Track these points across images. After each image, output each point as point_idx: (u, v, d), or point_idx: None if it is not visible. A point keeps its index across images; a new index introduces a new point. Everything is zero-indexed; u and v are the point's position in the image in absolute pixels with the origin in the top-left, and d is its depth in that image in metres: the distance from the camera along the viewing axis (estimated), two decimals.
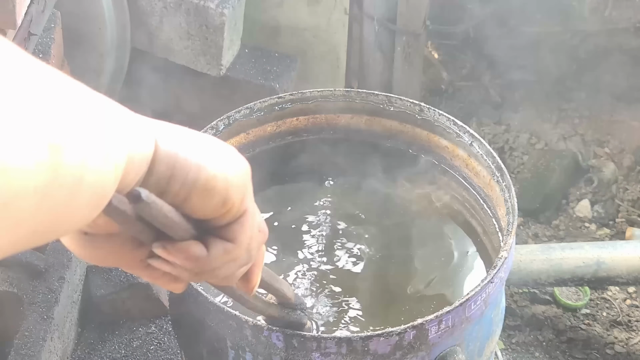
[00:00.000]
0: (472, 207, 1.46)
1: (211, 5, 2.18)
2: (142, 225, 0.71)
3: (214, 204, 0.70)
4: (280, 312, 1.12)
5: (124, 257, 0.75)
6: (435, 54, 2.96)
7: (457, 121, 1.44)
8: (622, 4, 2.73)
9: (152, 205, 0.67)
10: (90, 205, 0.60)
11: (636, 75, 2.83)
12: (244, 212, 0.74)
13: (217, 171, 0.69)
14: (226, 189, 0.70)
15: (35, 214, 0.52)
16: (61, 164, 0.53)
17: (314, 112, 1.53)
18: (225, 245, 0.74)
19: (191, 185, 0.68)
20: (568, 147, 2.69)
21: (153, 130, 0.66)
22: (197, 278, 0.77)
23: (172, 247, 0.72)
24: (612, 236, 2.47)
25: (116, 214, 0.67)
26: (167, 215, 0.69)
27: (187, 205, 0.70)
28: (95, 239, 0.73)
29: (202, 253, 0.73)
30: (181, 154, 0.67)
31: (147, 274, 0.78)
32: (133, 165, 0.63)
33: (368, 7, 2.58)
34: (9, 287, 1.70)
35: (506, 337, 2.18)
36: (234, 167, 0.72)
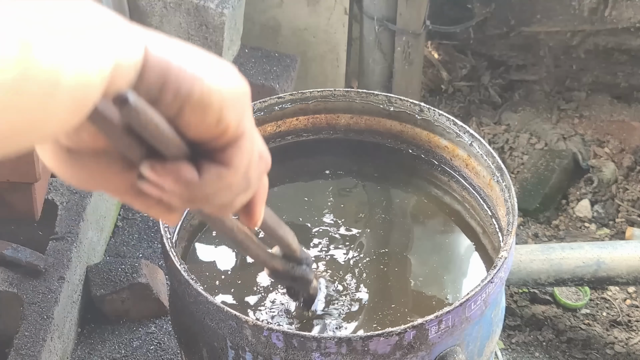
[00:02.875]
0: (472, 207, 1.46)
1: (211, 5, 2.18)
2: (131, 139, 0.66)
3: (208, 122, 0.65)
4: (285, 266, 1.06)
5: (112, 180, 0.69)
6: (435, 54, 2.96)
7: (457, 121, 1.44)
8: (622, 4, 2.73)
9: (141, 111, 0.62)
10: (71, 109, 0.56)
11: (636, 75, 2.83)
12: (242, 135, 0.69)
13: (213, 85, 0.64)
14: (221, 107, 0.65)
15: (7, 109, 0.51)
16: (32, 60, 0.51)
17: (314, 112, 1.53)
18: (219, 170, 0.69)
19: (184, 97, 0.63)
20: (568, 147, 2.69)
21: (143, 36, 0.63)
22: (191, 205, 0.71)
23: (161, 167, 0.67)
24: (612, 236, 2.47)
25: (102, 122, 0.62)
26: (158, 125, 0.64)
27: (179, 121, 0.65)
28: (80, 156, 0.67)
29: (193, 176, 0.68)
30: (174, 62, 0.63)
31: (138, 202, 0.72)
32: (120, 70, 0.59)
33: (368, 7, 2.58)
34: (9, 287, 1.70)
35: (506, 337, 2.18)
36: (232, 84, 0.67)
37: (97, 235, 1.96)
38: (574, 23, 2.80)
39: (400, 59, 2.61)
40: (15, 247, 1.73)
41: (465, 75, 2.92)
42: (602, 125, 2.78)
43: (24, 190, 1.72)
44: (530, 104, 2.84)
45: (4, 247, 1.73)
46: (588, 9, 2.76)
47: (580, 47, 2.84)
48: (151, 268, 1.91)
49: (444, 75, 2.90)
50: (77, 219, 1.84)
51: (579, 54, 2.84)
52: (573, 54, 2.85)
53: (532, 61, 2.89)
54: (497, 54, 2.91)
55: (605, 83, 2.86)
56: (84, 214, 1.85)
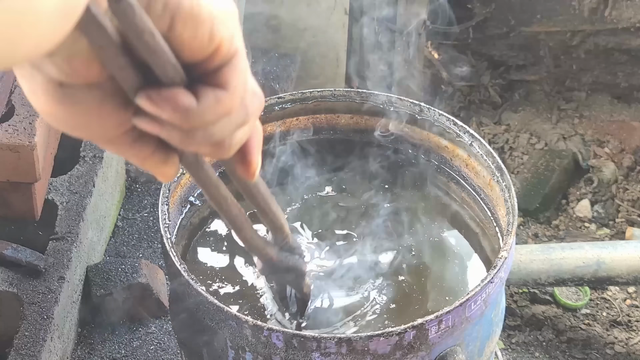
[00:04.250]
0: (472, 207, 1.46)
1: None
2: (126, 60, 0.64)
3: (201, 36, 0.65)
4: (279, 254, 1.01)
5: (105, 121, 0.67)
6: (435, 54, 2.96)
7: (457, 121, 1.44)
8: (622, 4, 2.73)
9: (137, 9, 0.60)
10: (59, 12, 0.55)
11: (636, 75, 2.83)
12: (235, 53, 0.68)
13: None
14: (212, 19, 0.65)
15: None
16: None
17: (314, 112, 1.53)
18: (217, 93, 0.68)
19: (175, 7, 0.63)
20: (568, 147, 2.69)
21: None
22: (189, 141, 0.69)
23: (157, 95, 0.65)
24: (612, 236, 2.47)
25: (94, 28, 0.60)
26: (154, 34, 0.63)
27: (172, 36, 0.64)
28: (73, 91, 0.65)
29: (191, 102, 0.66)
30: None
31: (134, 151, 0.70)
32: None
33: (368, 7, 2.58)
34: (9, 287, 1.70)
35: (506, 337, 2.18)
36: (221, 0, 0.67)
37: (97, 235, 1.96)
38: (574, 23, 2.80)
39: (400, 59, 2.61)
40: (15, 247, 1.73)
41: (465, 75, 2.92)
42: (602, 125, 2.78)
43: (24, 190, 1.72)
44: (530, 104, 2.84)
45: (4, 247, 1.73)
46: (588, 9, 2.76)
47: (580, 47, 2.84)
48: (151, 268, 1.91)
49: (444, 75, 2.90)
50: (77, 219, 1.84)
51: (579, 54, 2.84)
52: (573, 54, 2.85)
53: (532, 61, 2.89)
54: (497, 54, 2.91)
55: (605, 83, 2.86)
56: (84, 214, 1.85)
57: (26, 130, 1.65)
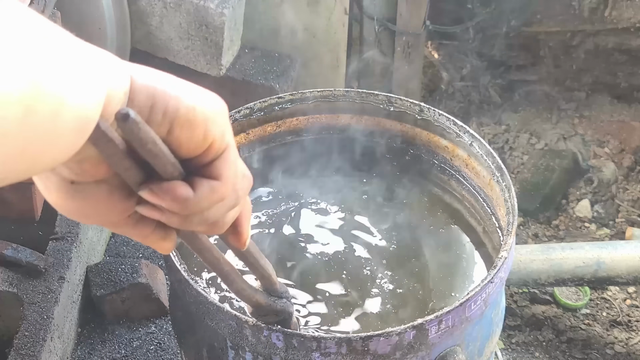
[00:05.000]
0: (472, 207, 1.46)
1: (211, 5, 2.18)
2: (130, 162, 0.72)
3: (196, 136, 0.73)
4: (267, 300, 1.09)
5: (112, 210, 0.75)
6: (435, 54, 2.96)
7: (457, 121, 1.44)
8: (622, 4, 2.73)
9: (141, 125, 0.68)
10: (73, 133, 0.64)
11: (636, 75, 2.83)
12: (226, 148, 0.76)
13: (196, 103, 0.72)
14: (205, 121, 0.73)
15: (17, 137, 0.58)
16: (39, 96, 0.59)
17: (314, 112, 1.53)
18: (211, 183, 0.75)
19: (173, 114, 0.71)
20: (568, 147, 2.69)
21: (128, 68, 0.71)
22: (187, 224, 0.77)
23: (158, 188, 0.73)
24: (612, 236, 2.47)
25: (103, 141, 0.68)
26: (155, 141, 0.71)
27: (171, 139, 0.72)
28: (83, 187, 0.73)
29: (188, 193, 0.74)
30: (159, 86, 0.71)
31: (136, 231, 0.78)
32: (112, 97, 0.67)
33: (368, 7, 2.58)
34: (9, 287, 1.70)
35: (506, 337, 2.18)
36: (211, 101, 0.74)
37: (97, 235, 1.96)
38: (574, 23, 2.80)
39: (400, 59, 2.61)
40: (15, 247, 1.73)
41: (465, 75, 2.92)
42: (602, 125, 2.78)
43: (24, 190, 1.72)
44: (530, 104, 2.84)
45: (4, 247, 1.73)
46: (588, 9, 2.76)
47: (580, 47, 2.84)
48: (151, 268, 1.91)
49: (444, 75, 2.90)
50: None
51: (579, 54, 2.84)
52: (573, 54, 2.85)
53: (532, 61, 2.89)
54: (497, 54, 2.91)
55: (605, 83, 2.86)
56: None
57: None
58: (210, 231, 0.81)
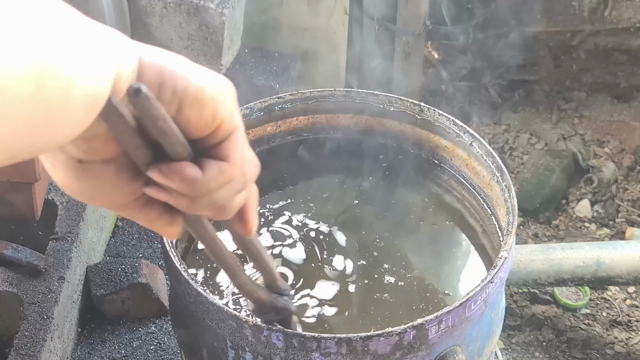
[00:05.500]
0: (472, 207, 1.46)
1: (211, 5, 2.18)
2: (140, 141, 0.71)
3: (205, 116, 0.73)
4: (269, 297, 1.08)
5: (119, 191, 0.75)
6: (435, 54, 2.96)
7: (457, 121, 1.44)
8: (622, 4, 2.73)
9: (152, 101, 0.68)
10: (84, 110, 0.64)
11: (636, 75, 2.83)
12: (235, 129, 0.76)
13: (205, 83, 0.73)
14: (214, 101, 0.73)
15: (28, 113, 0.59)
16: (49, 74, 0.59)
17: (314, 112, 1.53)
18: (219, 165, 0.75)
19: (182, 93, 0.71)
20: (568, 147, 2.69)
21: (137, 47, 0.71)
22: (195, 206, 0.76)
23: (167, 168, 0.73)
24: (612, 236, 2.47)
25: (114, 116, 0.68)
26: (166, 118, 0.71)
27: (180, 119, 0.72)
28: (90, 167, 0.73)
29: (197, 174, 0.74)
30: (168, 65, 0.71)
31: (142, 214, 0.78)
32: (121, 76, 0.67)
33: (368, 7, 2.58)
34: (9, 287, 1.70)
35: (506, 337, 2.18)
36: (219, 82, 0.75)
37: (97, 235, 1.96)
38: (574, 23, 2.80)
39: (400, 59, 2.61)
40: (15, 247, 1.73)
41: (465, 75, 2.92)
42: (602, 125, 2.78)
43: (24, 190, 1.72)
44: (530, 104, 2.84)
45: (4, 247, 1.73)
46: (588, 9, 2.76)
47: (580, 47, 2.84)
48: (151, 268, 1.91)
49: (444, 75, 2.90)
50: (77, 219, 1.84)
51: (579, 54, 2.84)
52: (573, 54, 2.85)
53: (532, 61, 2.89)
54: (497, 54, 2.91)
55: (605, 83, 2.86)
56: (84, 214, 1.85)
57: None
58: (217, 216, 0.81)
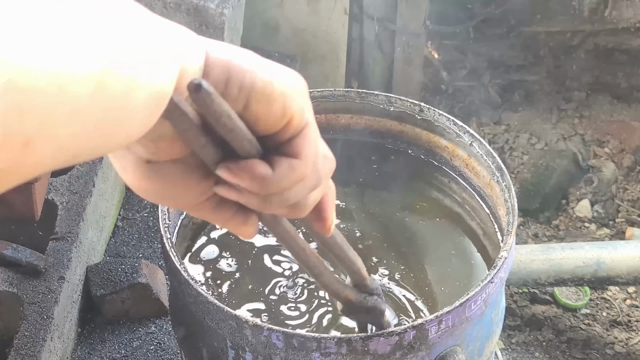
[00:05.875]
0: (472, 207, 1.46)
1: (211, 5, 2.18)
2: (206, 139, 0.70)
3: (274, 112, 0.71)
4: (358, 296, 1.03)
5: (189, 191, 0.74)
6: (435, 54, 2.96)
7: (457, 121, 1.44)
8: (622, 4, 2.73)
9: (214, 96, 0.67)
10: (147, 109, 0.62)
11: (636, 75, 2.83)
12: (306, 125, 0.74)
13: (273, 77, 0.70)
14: (284, 95, 0.71)
15: (92, 105, 0.57)
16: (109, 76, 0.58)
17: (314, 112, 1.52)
18: (290, 162, 0.73)
19: (249, 88, 0.69)
20: (568, 147, 2.69)
21: (203, 42, 0.69)
22: (267, 205, 0.74)
23: (236, 166, 0.71)
24: (612, 236, 2.47)
25: (177, 114, 0.67)
26: (230, 115, 0.68)
27: (247, 114, 0.70)
28: (159, 167, 0.72)
29: (267, 171, 0.72)
30: (235, 60, 0.69)
31: (216, 215, 0.76)
32: (187, 73, 0.66)
33: (368, 7, 2.58)
34: (9, 287, 1.70)
35: (506, 337, 2.18)
36: (290, 77, 0.73)
37: (97, 235, 1.96)
38: (574, 23, 2.80)
39: (400, 59, 2.61)
40: (15, 247, 1.73)
41: (465, 75, 2.92)
42: (602, 125, 2.78)
43: (24, 190, 1.72)
44: (530, 104, 2.84)
45: (4, 247, 1.73)
46: (588, 9, 2.76)
47: (580, 47, 2.84)
48: (151, 268, 1.91)
49: (444, 75, 2.90)
50: (77, 219, 1.84)
51: (579, 54, 2.84)
52: (573, 54, 2.85)
53: (532, 61, 2.89)
54: (497, 54, 2.91)
55: (605, 83, 2.86)
56: (84, 214, 1.85)
57: None
58: (292, 214, 0.79)
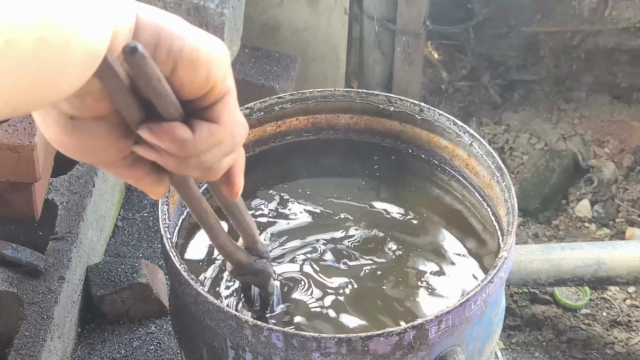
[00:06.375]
0: (472, 207, 1.46)
1: (211, 5, 2.18)
2: (133, 99, 0.72)
3: (199, 78, 0.73)
4: (248, 259, 1.10)
5: (109, 148, 0.76)
6: (435, 54, 2.96)
7: (457, 121, 1.44)
8: (622, 4, 2.73)
9: (148, 60, 0.69)
10: (82, 66, 0.65)
11: (636, 75, 2.83)
12: (227, 92, 0.77)
13: (200, 44, 0.73)
14: (209, 62, 0.73)
15: (33, 61, 0.59)
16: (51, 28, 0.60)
17: (314, 112, 1.53)
18: (210, 127, 0.76)
19: (177, 53, 0.72)
20: (568, 147, 2.69)
21: (134, 5, 0.71)
22: (183, 167, 0.77)
23: (158, 128, 0.74)
24: (612, 236, 2.47)
25: (109, 74, 0.69)
26: (160, 78, 0.71)
27: (173, 79, 0.73)
28: (82, 123, 0.74)
29: (187, 134, 0.75)
30: (164, 25, 0.72)
31: (130, 172, 0.79)
32: (118, 34, 0.68)
33: (368, 7, 2.58)
34: (9, 287, 1.70)
35: (506, 337, 2.18)
36: (215, 44, 0.75)
37: (97, 235, 1.96)
38: (574, 23, 2.80)
39: (400, 59, 2.61)
40: (15, 247, 1.73)
41: (465, 75, 2.92)
42: (602, 125, 2.78)
43: (24, 190, 1.72)
44: (530, 104, 2.84)
45: (4, 247, 1.73)
46: (588, 9, 2.76)
47: (580, 47, 2.84)
48: (151, 268, 1.91)
49: (444, 75, 2.90)
50: (77, 219, 1.84)
51: (579, 54, 2.84)
52: (573, 54, 2.85)
53: (532, 61, 2.89)
54: (497, 54, 2.91)
55: (605, 83, 2.86)
56: (84, 214, 1.85)
57: (26, 130, 1.65)
58: (205, 177, 0.82)
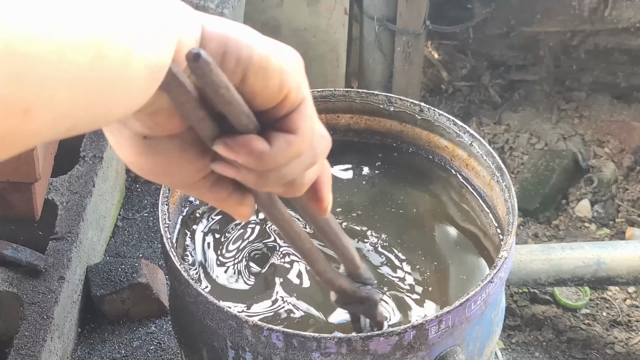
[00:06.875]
0: (472, 207, 1.46)
1: (211, 5, 2.18)
2: (204, 113, 0.69)
3: (271, 86, 0.71)
4: (352, 286, 1.01)
5: (185, 168, 0.73)
6: (435, 54, 2.96)
7: (457, 121, 1.44)
8: (622, 4, 2.73)
9: (213, 66, 0.66)
10: (146, 78, 0.62)
11: (636, 75, 2.83)
12: (302, 101, 0.74)
13: (270, 52, 0.70)
14: (281, 70, 0.71)
15: (89, 75, 0.56)
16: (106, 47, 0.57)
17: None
18: (287, 137, 0.73)
19: (246, 62, 0.69)
20: (568, 147, 2.69)
21: (200, 16, 0.69)
22: (263, 182, 0.74)
23: (233, 141, 0.71)
24: (612, 236, 2.47)
25: (174, 86, 0.66)
26: (229, 87, 0.68)
27: (244, 88, 0.70)
28: (156, 143, 0.71)
29: (264, 146, 0.72)
30: (231, 34, 0.69)
31: (212, 195, 0.76)
32: (183, 44, 0.66)
33: (368, 7, 2.58)
34: (9, 287, 1.70)
35: (506, 337, 2.18)
36: (286, 52, 0.73)
37: (97, 235, 1.97)
38: (574, 23, 2.80)
39: (400, 59, 2.61)
40: (15, 247, 1.73)
41: (465, 75, 2.92)
42: (602, 125, 2.78)
43: (24, 190, 1.72)
44: (530, 104, 2.84)
45: (4, 247, 1.73)
46: (588, 9, 2.76)
47: (580, 47, 2.84)
48: (151, 268, 1.91)
49: (444, 75, 2.90)
50: (77, 219, 1.84)
51: (579, 54, 2.84)
52: (573, 54, 2.85)
53: (532, 61, 2.89)
54: (497, 54, 2.91)
55: (605, 83, 2.86)
56: (84, 214, 1.85)
57: None
58: (288, 192, 0.79)
